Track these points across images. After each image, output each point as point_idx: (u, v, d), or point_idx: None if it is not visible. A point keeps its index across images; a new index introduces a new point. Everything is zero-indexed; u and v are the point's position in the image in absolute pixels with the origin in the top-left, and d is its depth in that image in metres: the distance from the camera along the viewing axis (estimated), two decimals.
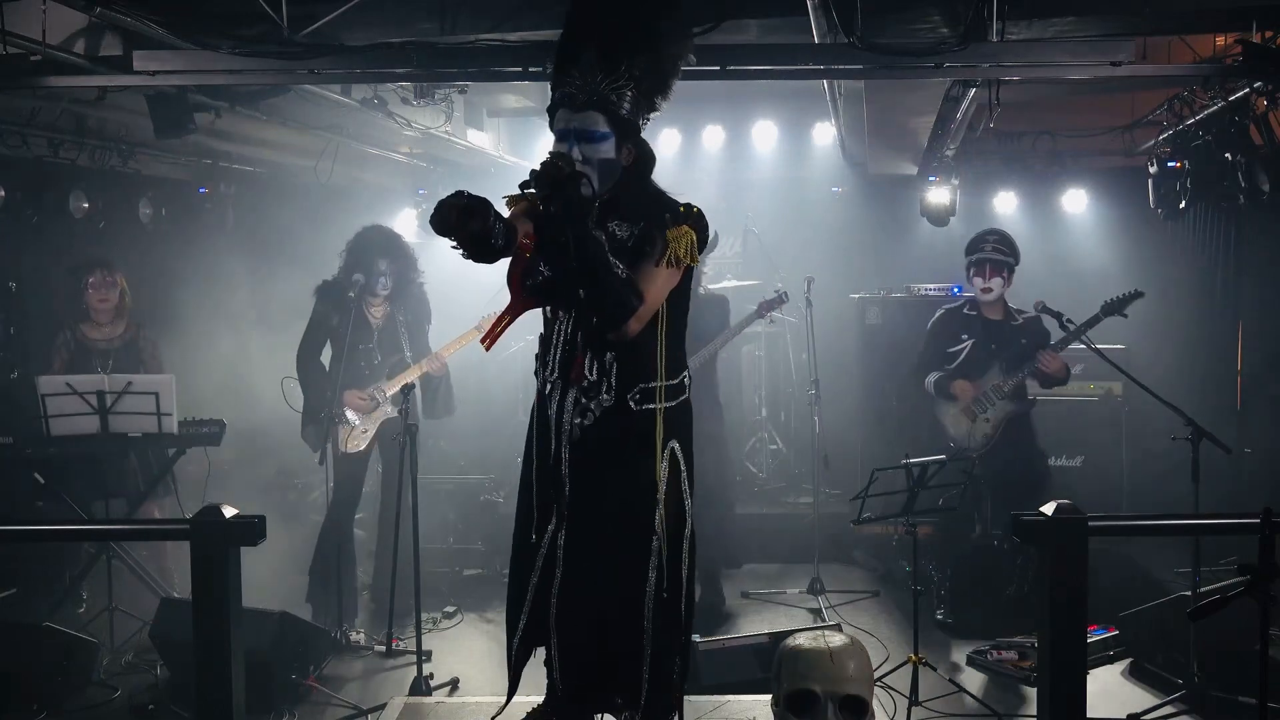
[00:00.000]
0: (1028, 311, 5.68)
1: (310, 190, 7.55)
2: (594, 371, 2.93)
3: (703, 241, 2.94)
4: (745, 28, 4.62)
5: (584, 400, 2.95)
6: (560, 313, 3.00)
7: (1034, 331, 5.67)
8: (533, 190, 2.73)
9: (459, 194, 2.58)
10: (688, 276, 2.98)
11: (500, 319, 2.90)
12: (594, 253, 2.77)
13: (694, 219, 2.90)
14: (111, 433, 5.24)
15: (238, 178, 7.31)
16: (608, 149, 2.85)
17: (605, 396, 2.94)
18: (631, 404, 2.94)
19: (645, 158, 2.98)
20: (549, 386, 3.02)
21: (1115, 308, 5.40)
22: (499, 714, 3.25)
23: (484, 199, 2.61)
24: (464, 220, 2.55)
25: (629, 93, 2.84)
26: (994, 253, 5.62)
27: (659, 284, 2.87)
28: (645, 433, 2.96)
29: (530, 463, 3.11)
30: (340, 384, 5.46)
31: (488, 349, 3.02)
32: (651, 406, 2.96)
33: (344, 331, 5.42)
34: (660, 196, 2.97)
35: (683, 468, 3.02)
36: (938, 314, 5.93)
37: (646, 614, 2.97)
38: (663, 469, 2.97)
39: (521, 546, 3.13)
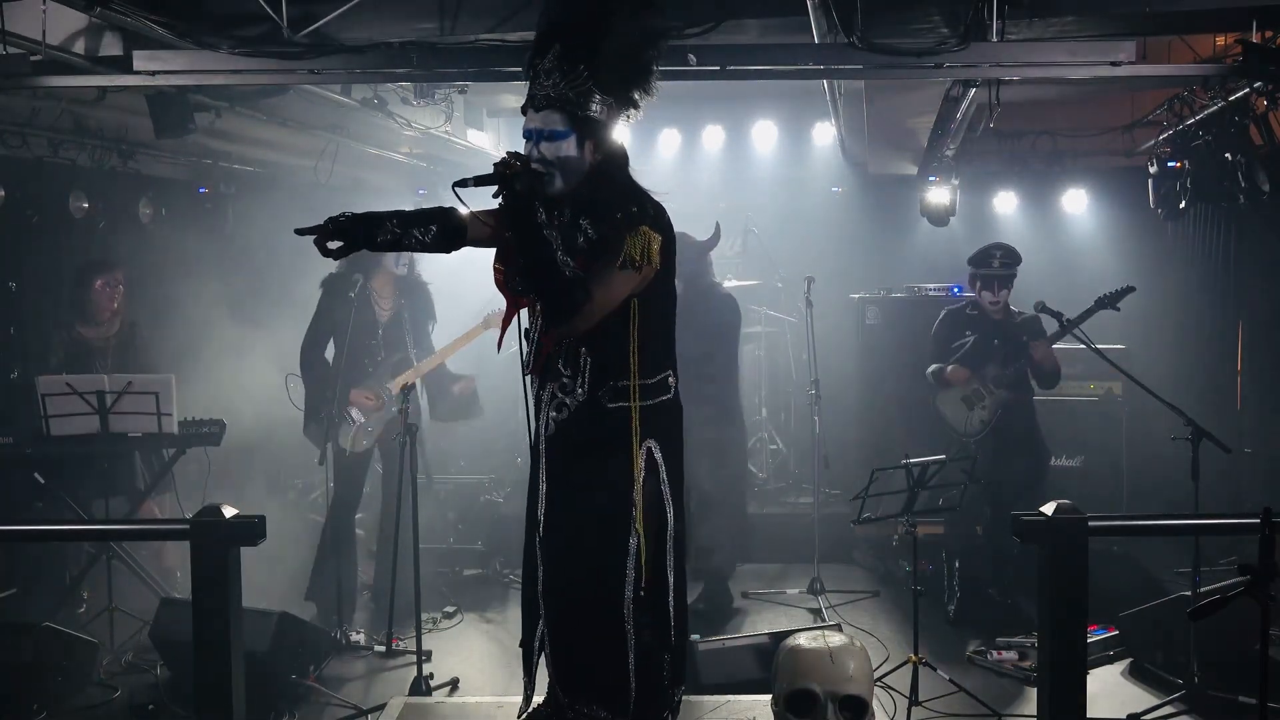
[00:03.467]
0: (1026, 311, 5.77)
1: (310, 190, 7.56)
2: (568, 367, 2.97)
3: (668, 241, 2.94)
4: (745, 28, 4.62)
5: (560, 395, 2.99)
6: (539, 307, 3.02)
7: (1033, 328, 5.77)
8: (470, 183, 2.82)
9: (327, 221, 2.81)
10: (663, 276, 2.97)
11: (504, 323, 3.02)
12: (537, 249, 2.82)
13: (651, 220, 2.90)
14: (111, 433, 5.24)
15: (238, 178, 7.31)
16: (569, 147, 2.89)
17: (579, 392, 2.98)
18: (604, 400, 2.96)
19: (612, 156, 2.99)
20: (531, 381, 3.08)
21: (1108, 302, 5.50)
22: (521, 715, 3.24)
23: (358, 217, 2.83)
24: (324, 248, 2.79)
25: (592, 92, 2.88)
26: (1002, 269, 5.72)
27: (614, 284, 2.87)
28: (617, 430, 2.98)
29: (535, 453, 3.15)
30: (344, 382, 5.45)
31: (499, 351, 3.14)
32: (624, 404, 2.97)
33: (346, 327, 5.41)
34: (634, 195, 2.96)
35: (661, 468, 3.02)
36: (941, 315, 6.00)
37: (627, 615, 2.97)
38: (638, 468, 2.97)
39: (528, 543, 3.16)
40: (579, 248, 2.90)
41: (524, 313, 3.08)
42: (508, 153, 2.86)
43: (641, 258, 2.86)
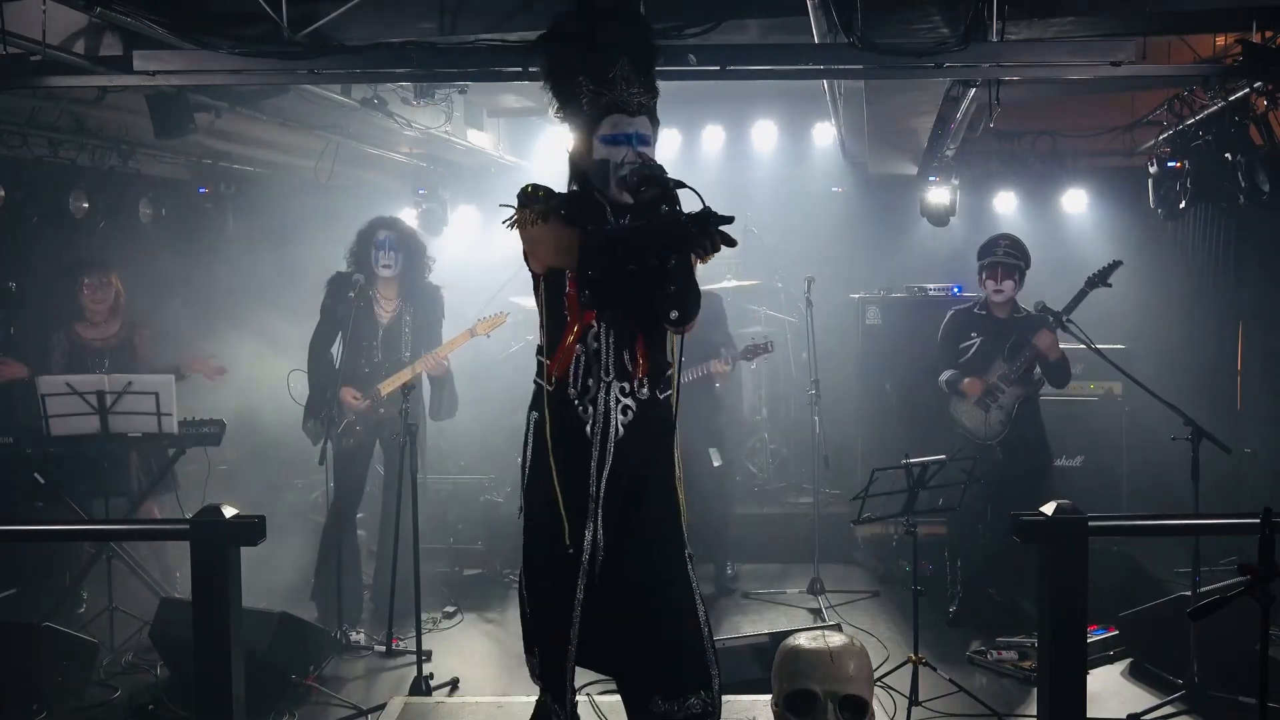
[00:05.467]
0: (1033, 312, 5.75)
1: (310, 190, 7.56)
2: (631, 365, 3.03)
3: None
4: (745, 28, 4.62)
5: (623, 397, 3.03)
6: (597, 318, 3.00)
7: (1038, 326, 5.73)
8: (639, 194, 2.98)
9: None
10: None
11: (565, 338, 3.00)
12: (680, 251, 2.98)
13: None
14: (111, 433, 5.24)
15: (238, 178, 7.30)
16: (652, 150, 3.11)
17: (643, 391, 3.03)
18: (658, 393, 3.05)
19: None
20: (596, 389, 3.00)
21: (1097, 280, 5.47)
22: None
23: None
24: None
25: (655, 100, 3.13)
26: (1005, 256, 5.69)
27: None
28: (668, 420, 3.08)
29: (559, 472, 3.06)
30: (340, 380, 5.45)
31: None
32: (669, 393, 3.09)
33: (347, 327, 5.41)
34: None
35: None
36: (949, 315, 6.00)
37: (698, 594, 3.09)
38: (680, 452, 3.10)
39: (557, 559, 3.06)
40: None
41: (531, 320, 3.16)
42: (642, 163, 3.01)
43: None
